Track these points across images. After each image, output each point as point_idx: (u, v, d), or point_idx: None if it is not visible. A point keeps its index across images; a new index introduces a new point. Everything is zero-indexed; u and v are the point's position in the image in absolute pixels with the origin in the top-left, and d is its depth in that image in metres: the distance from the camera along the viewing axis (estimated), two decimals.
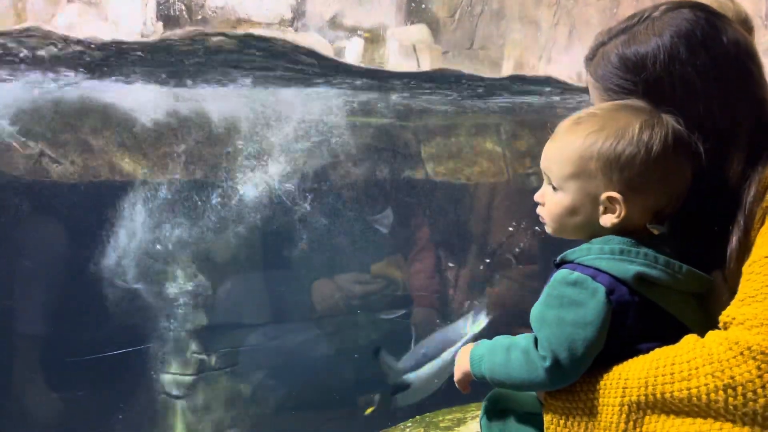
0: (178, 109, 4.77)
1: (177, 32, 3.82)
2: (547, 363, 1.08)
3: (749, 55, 1.15)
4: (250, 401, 5.49)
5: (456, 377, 1.31)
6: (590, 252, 1.12)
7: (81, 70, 4.10)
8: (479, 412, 3.84)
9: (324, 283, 5.80)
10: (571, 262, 1.14)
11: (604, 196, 1.12)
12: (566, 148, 1.15)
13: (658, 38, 1.14)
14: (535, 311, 1.14)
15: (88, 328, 4.79)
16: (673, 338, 1.08)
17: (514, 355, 1.14)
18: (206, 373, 5.32)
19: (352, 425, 4.29)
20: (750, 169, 1.11)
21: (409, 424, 3.60)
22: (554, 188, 1.18)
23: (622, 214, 1.12)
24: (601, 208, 1.13)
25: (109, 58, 3.94)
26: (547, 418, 1.14)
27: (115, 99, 4.57)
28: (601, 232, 1.15)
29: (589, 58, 1.25)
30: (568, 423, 1.11)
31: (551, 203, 1.19)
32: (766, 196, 1.08)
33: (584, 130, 1.13)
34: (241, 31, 3.95)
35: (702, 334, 1.06)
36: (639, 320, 1.08)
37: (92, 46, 3.68)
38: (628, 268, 1.08)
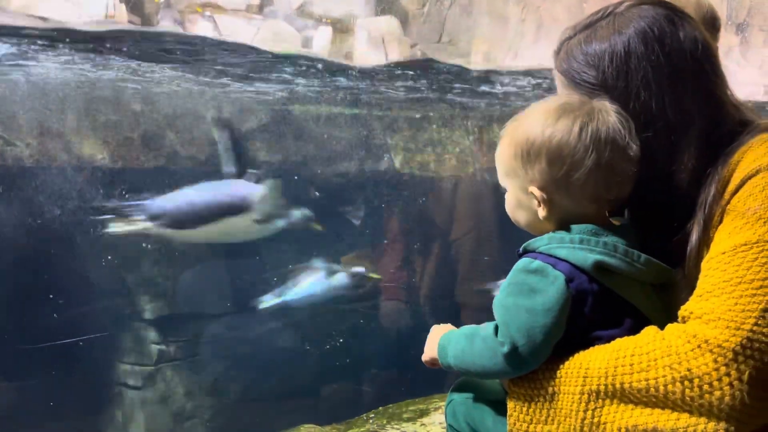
0: None
1: None
2: (506, 349, 1.10)
3: (706, 54, 1.18)
4: (210, 392, 5.43)
5: (424, 359, 1.33)
6: (551, 241, 1.14)
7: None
8: (442, 404, 3.86)
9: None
10: (533, 251, 1.16)
11: (529, 189, 1.16)
12: (501, 149, 1.22)
13: (617, 34, 1.17)
14: (497, 299, 1.16)
15: (40, 316, 4.67)
16: (631, 327, 1.11)
17: (476, 343, 1.16)
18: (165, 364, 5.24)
19: (314, 415, 4.28)
20: (710, 168, 1.14)
21: (372, 415, 3.60)
22: (505, 186, 1.24)
23: (553, 206, 1.15)
24: (534, 202, 1.17)
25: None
26: (510, 404, 1.15)
27: None
28: (547, 224, 1.19)
29: (556, 53, 1.28)
30: (530, 410, 1.12)
31: (506, 200, 1.25)
32: (725, 195, 1.10)
33: (511, 131, 1.20)
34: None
35: (662, 324, 1.08)
36: (598, 308, 1.11)
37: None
38: (587, 257, 1.10)
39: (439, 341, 1.26)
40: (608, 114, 1.14)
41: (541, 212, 1.17)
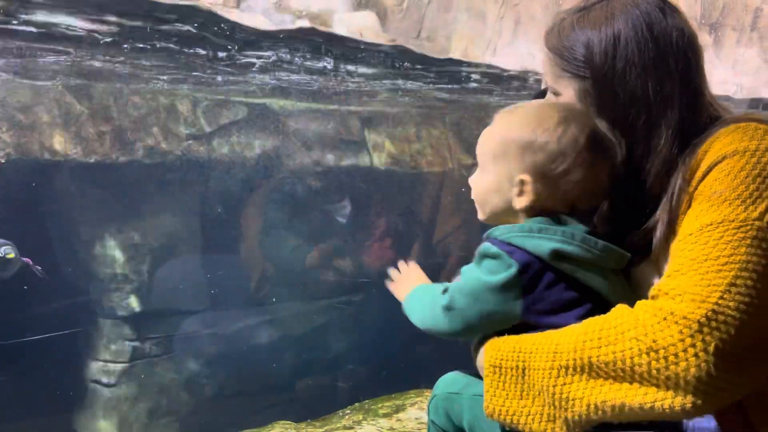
0: None
1: None
2: (444, 302, 1.20)
3: (691, 45, 1.24)
4: (184, 388, 5.38)
5: (390, 287, 1.46)
6: (512, 231, 1.20)
7: None
8: (418, 399, 3.87)
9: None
10: (495, 238, 1.22)
11: (518, 177, 1.22)
12: (495, 132, 1.28)
13: (611, 17, 1.24)
14: (463, 267, 1.24)
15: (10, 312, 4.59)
16: (591, 310, 1.15)
17: (428, 302, 1.27)
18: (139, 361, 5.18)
19: (290, 412, 4.27)
20: (678, 157, 1.19)
21: (348, 411, 3.59)
22: (482, 170, 1.31)
23: (532, 196, 1.22)
24: (516, 190, 1.23)
25: None
26: (486, 381, 1.18)
27: None
28: (518, 214, 1.25)
29: (548, 32, 1.34)
30: (506, 385, 1.14)
31: (478, 183, 1.31)
32: (693, 183, 1.14)
33: (511, 118, 1.27)
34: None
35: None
36: (557, 294, 1.16)
37: None
38: (543, 245, 1.16)
39: (410, 293, 1.38)
40: (607, 135, 1.23)
41: (520, 202, 1.23)
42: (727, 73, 5.16)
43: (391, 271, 1.49)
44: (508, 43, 5.08)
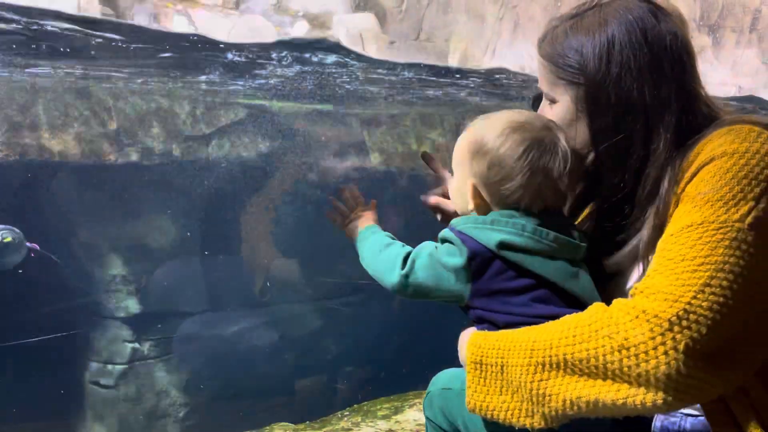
0: None
1: None
2: (404, 271, 1.29)
3: (684, 48, 1.25)
4: (182, 390, 5.38)
5: (340, 225, 1.55)
6: (467, 221, 1.28)
7: None
8: (417, 401, 3.87)
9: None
10: (454, 227, 1.30)
11: (468, 182, 1.29)
12: (460, 139, 1.35)
13: (604, 23, 1.25)
14: (425, 242, 1.33)
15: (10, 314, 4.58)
16: (541, 297, 1.20)
17: (385, 253, 1.37)
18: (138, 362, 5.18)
19: (289, 413, 4.27)
20: (669, 159, 1.19)
21: (347, 413, 3.59)
22: (454, 174, 1.37)
23: (479, 200, 1.29)
24: (469, 193, 1.30)
25: None
26: (468, 377, 1.20)
27: None
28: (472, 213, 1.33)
29: (541, 40, 1.34)
30: (486, 381, 1.17)
31: (450, 187, 1.41)
32: (681, 184, 1.14)
33: (474, 126, 1.33)
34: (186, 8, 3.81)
35: (587, 297, 1.19)
36: (504, 281, 1.23)
37: None
38: (492, 236, 1.23)
39: (362, 231, 1.47)
40: (556, 147, 1.25)
41: (470, 204, 1.29)
42: (727, 75, 5.17)
43: (334, 203, 1.57)
44: (508, 44, 5.09)
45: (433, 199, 1.55)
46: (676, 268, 1.03)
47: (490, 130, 1.28)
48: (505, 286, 1.23)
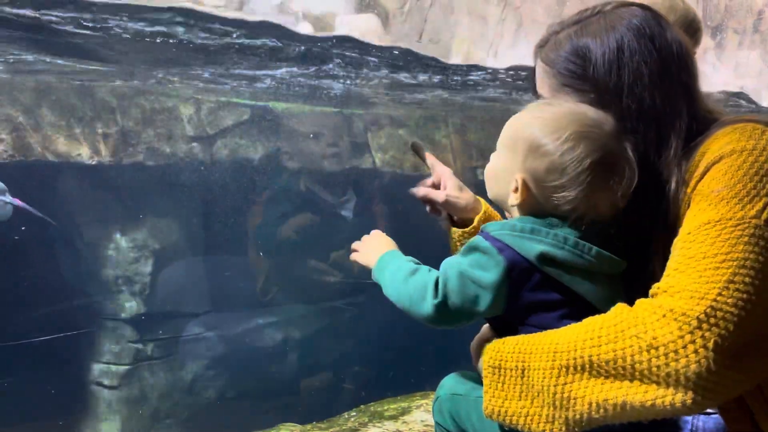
0: None
1: None
2: (437, 301, 1.18)
3: (689, 56, 1.26)
4: (187, 391, 5.38)
5: (358, 259, 1.41)
6: (504, 228, 1.20)
7: None
8: (424, 402, 3.85)
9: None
10: (488, 232, 1.22)
11: (517, 174, 1.20)
12: (515, 123, 1.25)
13: (610, 29, 1.23)
14: (451, 258, 1.23)
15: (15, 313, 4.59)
16: (572, 314, 1.15)
17: (411, 282, 1.24)
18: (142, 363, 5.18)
19: (293, 415, 4.27)
20: (676, 163, 1.19)
21: (354, 414, 3.59)
22: (496, 152, 1.28)
23: (522, 197, 1.20)
24: (513, 185, 1.21)
25: None
26: (485, 382, 1.18)
27: None
28: (511, 209, 1.25)
29: (541, 45, 1.32)
30: (504, 386, 1.14)
31: (490, 163, 1.30)
32: (691, 183, 1.15)
33: (535, 114, 1.22)
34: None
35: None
36: (541, 295, 1.16)
37: None
38: (532, 247, 1.15)
39: (381, 257, 1.34)
40: (625, 163, 1.17)
41: (512, 200, 1.22)
42: (729, 76, 5.17)
43: (353, 244, 1.45)
44: (510, 45, 5.09)
45: (423, 191, 1.52)
46: (698, 266, 1.03)
47: (553, 130, 1.17)
48: (541, 300, 1.17)
